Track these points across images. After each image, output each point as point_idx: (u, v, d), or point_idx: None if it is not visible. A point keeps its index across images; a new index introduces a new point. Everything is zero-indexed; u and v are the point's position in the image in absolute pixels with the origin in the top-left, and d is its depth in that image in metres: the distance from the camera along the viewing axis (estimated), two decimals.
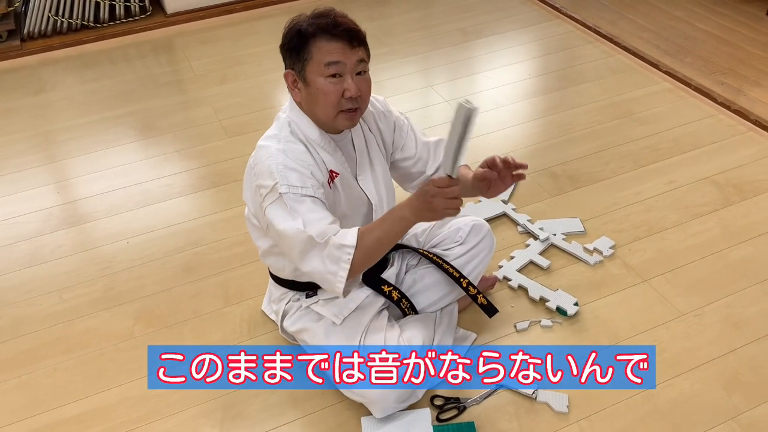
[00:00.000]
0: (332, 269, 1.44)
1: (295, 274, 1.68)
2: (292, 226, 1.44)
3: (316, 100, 1.48)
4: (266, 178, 1.47)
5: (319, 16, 1.46)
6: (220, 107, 2.98)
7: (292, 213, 1.44)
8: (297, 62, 1.47)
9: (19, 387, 1.81)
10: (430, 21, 3.64)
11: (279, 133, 1.53)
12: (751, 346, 1.82)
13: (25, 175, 2.62)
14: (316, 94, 1.47)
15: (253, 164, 1.55)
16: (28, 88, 3.22)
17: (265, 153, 1.51)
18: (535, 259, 2.09)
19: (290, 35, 1.48)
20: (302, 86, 1.50)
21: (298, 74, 1.49)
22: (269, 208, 1.47)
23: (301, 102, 1.53)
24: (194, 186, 2.52)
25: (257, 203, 1.53)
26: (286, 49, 1.49)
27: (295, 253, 1.48)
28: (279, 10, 3.84)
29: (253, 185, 1.54)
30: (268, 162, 1.48)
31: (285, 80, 1.53)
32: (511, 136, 2.72)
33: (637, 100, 2.89)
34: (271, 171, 1.46)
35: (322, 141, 1.54)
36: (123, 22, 3.67)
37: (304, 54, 1.45)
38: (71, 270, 2.17)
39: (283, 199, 1.45)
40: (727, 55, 3.16)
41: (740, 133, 2.66)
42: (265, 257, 1.73)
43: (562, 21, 3.55)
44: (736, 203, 2.31)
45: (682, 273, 2.05)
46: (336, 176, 1.56)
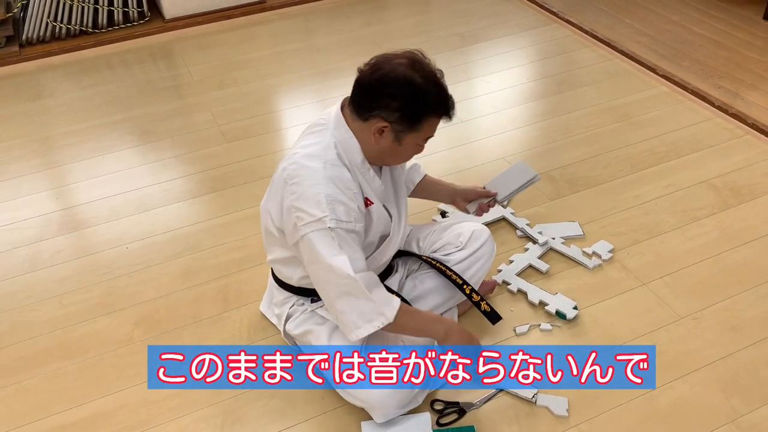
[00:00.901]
0: (359, 323, 1.50)
1: (302, 282, 1.68)
2: (341, 263, 1.45)
3: (396, 154, 1.55)
4: (312, 207, 1.46)
5: (442, 91, 1.48)
6: (218, 112, 2.99)
7: (338, 248, 1.46)
8: (402, 124, 1.47)
9: (18, 393, 1.81)
10: (428, 26, 3.65)
11: (325, 154, 1.51)
12: (749, 349, 1.83)
13: (23, 181, 2.62)
14: (400, 151, 1.54)
15: (290, 179, 1.51)
16: (26, 93, 3.22)
17: (311, 177, 1.48)
18: (534, 263, 2.10)
19: (417, 105, 1.46)
20: (391, 140, 1.50)
21: (397, 133, 1.49)
22: (312, 235, 1.46)
23: (375, 145, 1.51)
24: (193, 191, 2.52)
25: (290, 222, 1.51)
26: (402, 112, 1.45)
27: (331, 289, 1.49)
28: (277, 15, 3.85)
29: (288, 203, 1.50)
30: (315, 189, 1.46)
31: (371, 127, 1.49)
32: (509, 140, 2.72)
33: (634, 103, 2.90)
34: (319, 201, 1.46)
35: (363, 168, 1.55)
36: (121, 28, 3.67)
37: (416, 125, 1.48)
38: (70, 275, 2.17)
39: (330, 233, 1.45)
40: (723, 58, 3.18)
41: (737, 136, 2.67)
42: (275, 264, 1.73)
43: (560, 25, 3.57)
44: (734, 207, 2.31)
45: (681, 276, 2.05)
46: (370, 205, 1.57)
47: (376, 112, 1.47)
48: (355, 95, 1.51)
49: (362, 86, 1.49)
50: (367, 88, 1.48)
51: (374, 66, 1.48)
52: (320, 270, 1.49)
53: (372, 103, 1.47)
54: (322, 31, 3.65)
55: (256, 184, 2.53)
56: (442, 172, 2.53)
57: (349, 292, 1.48)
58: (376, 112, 1.47)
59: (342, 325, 1.54)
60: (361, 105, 1.49)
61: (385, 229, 1.65)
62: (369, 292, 1.48)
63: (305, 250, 1.51)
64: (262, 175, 2.57)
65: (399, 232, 1.70)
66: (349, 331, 1.52)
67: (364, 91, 1.48)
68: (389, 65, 1.46)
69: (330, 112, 1.58)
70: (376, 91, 1.46)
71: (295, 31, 3.68)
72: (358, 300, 1.49)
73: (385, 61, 1.47)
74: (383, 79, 1.45)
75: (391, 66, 1.45)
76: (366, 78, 1.48)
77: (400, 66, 1.45)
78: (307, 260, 1.52)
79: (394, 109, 1.46)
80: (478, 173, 2.53)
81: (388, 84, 1.45)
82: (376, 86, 1.46)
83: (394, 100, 1.45)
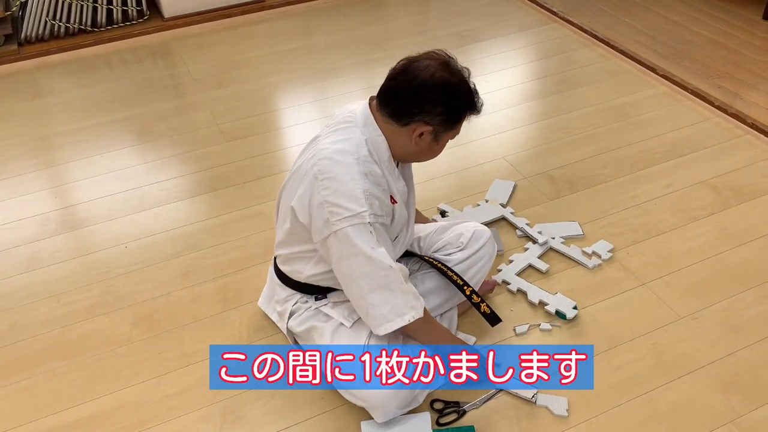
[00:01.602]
0: (390, 317, 1.53)
1: (311, 279, 1.68)
2: (380, 255, 1.49)
3: (432, 152, 1.59)
4: (350, 202, 1.47)
5: (473, 90, 1.54)
6: (217, 111, 2.98)
7: (377, 241, 1.49)
8: (444, 126, 1.51)
9: (17, 392, 1.80)
10: (427, 25, 3.65)
11: (357, 150, 1.51)
12: (749, 349, 1.83)
13: (22, 180, 2.62)
14: (435, 149, 1.59)
15: (321, 174, 1.51)
16: (25, 92, 3.21)
17: (345, 172, 1.49)
18: (533, 262, 2.09)
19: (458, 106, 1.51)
20: (430, 140, 1.53)
21: (436, 134, 1.53)
22: (349, 230, 1.47)
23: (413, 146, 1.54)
24: (192, 190, 2.52)
25: (320, 217, 1.51)
26: (444, 116, 1.50)
27: (366, 282, 1.50)
28: (276, 14, 3.84)
29: (321, 198, 1.50)
30: (352, 185, 1.47)
31: (411, 131, 1.51)
32: (508, 139, 2.72)
33: (634, 103, 2.90)
34: (357, 196, 1.47)
35: (390, 167, 1.57)
36: (120, 27, 3.66)
37: (455, 124, 1.54)
38: (69, 275, 2.16)
39: (369, 227, 1.48)
40: (723, 58, 3.18)
41: (737, 136, 2.67)
42: (285, 259, 1.72)
43: (559, 25, 3.56)
44: (733, 206, 2.31)
45: (681, 276, 2.05)
46: (395, 203, 1.59)
47: (419, 118, 1.49)
48: (390, 102, 1.52)
49: (400, 94, 1.50)
50: (408, 96, 1.49)
51: (408, 72, 1.49)
52: (357, 263, 1.49)
53: (414, 109, 1.49)
54: (321, 31, 3.65)
55: (255, 183, 2.53)
56: (441, 173, 2.52)
57: (387, 284, 1.50)
58: (418, 118, 1.49)
59: (371, 319, 1.54)
60: (400, 112, 1.50)
61: (401, 228, 1.67)
62: (405, 283, 1.52)
63: (339, 245, 1.50)
64: (261, 175, 2.57)
65: (407, 233, 1.72)
66: (379, 325, 1.53)
67: (403, 99, 1.49)
68: (426, 71, 1.47)
69: (355, 110, 1.58)
70: (418, 98, 1.48)
71: (294, 30, 3.68)
72: (393, 293, 1.51)
73: (419, 67, 1.48)
74: (424, 85, 1.47)
75: (429, 72, 1.47)
76: (404, 86, 1.49)
77: (437, 71, 1.48)
78: (340, 255, 1.51)
79: (438, 113, 1.49)
80: (476, 173, 2.53)
81: (430, 90, 1.47)
82: (418, 93, 1.48)
83: (438, 105, 1.48)
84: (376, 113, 1.55)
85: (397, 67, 1.52)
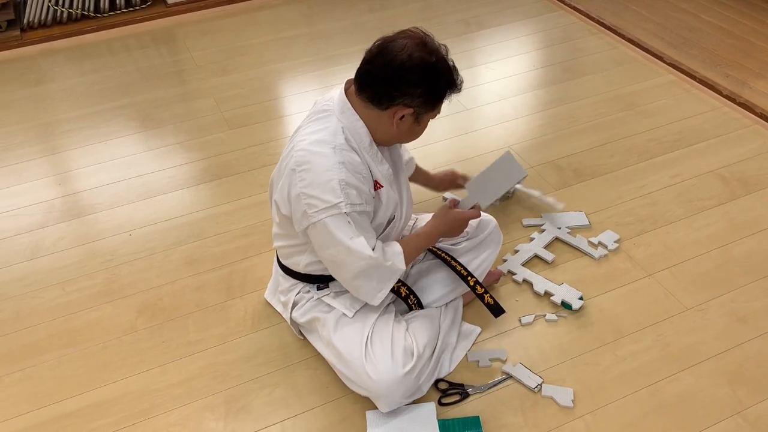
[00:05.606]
0: (379, 287, 1.57)
1: (308, 269, 1.68)
2: (359, 245, 1.48)
3: (414, 133, 1.56)
4: (326, 193, 1.45)
5: (452, 68, 1.50)
6: (221, 98, 2.96)
7: (355, 230, 1.48)
8: (425, 107, 1.48)
9: (22, 380, 1.80)
10: (432, 12, 3.61)
11: (333, 139, 1.49)
12: (756, 340, 1.82)
13: (25, 167, 2.61)
14: (417, 131, 1.56)
15: (298, 165, 1.49)
16: (27, 78, 3.20)
17: (322, 162, 1.47)
18: (539, 252, 2.08)
19: (439, 87, 1.48)
20: (410, 123, 1.51)
21: (417, 115, 1.50)
22: (328, 220, 1.47)
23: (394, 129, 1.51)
24: (196, 178, 2.50)
25: (299, 209, 1.51)
26: (425, 97, 1.47)
27: (348, 269, 1.52)
28: (279, 0, 3.81)
29: (298, 190, 1.49)
30: (327, 175, 1.45)
31: (391, 114, 1.48)
32: (514, 128, 2.70)
33: (641, 92, 2.87)
34: (333, 188, 1.45)
35: (372, 151, 1.54)
36: (123, 12, 3.64)
37: (436, 104, 1.51)
38: (73, 263, 2.16)
39: (346, 218, 1.47)
40: (731, 47, 3.14)
41: (745, 126, 2.64)
42: (281, 251, 1.73)
43: (566, 12, 3.53)
44: (741, 197, 2.29)
45: (687, 267, 2.04)
46: (380, 188, 1.57)
47: (399, 101, 1.46)
48: (368, 87, 1.47)
49: (379, 78, 1.45)
50: (386, 80, 1.44)
51: (385, 54, 1.43)
52: (338, 253, 1.50)
53: (394, 92, 1.45)
54: (324, 17, 3.61)
55: (260, 171, 2.51)
56: (445, 162, 2.51)
57: (367, 270, 1.52)
58: (398, 101, 1.46)
59: (363, 296, 1.58)
60: (380, 96, 1.46)
61: (393, 211, 1.65)
62: (386, 261, 1.54)
63: (318, 235, 1.50)
64: (265, 162, 2.55)
65: (403, 215, 1.70)
66: (372, 297, 1.57)
67: (382, 82, 1.45)
68: (404, 52, 1.42)
69: (332, 97, 1.56)
70: (397, 81, 1.44)
71: (297, 16, 3.65)
72: (376, 271, 1.54)
73: (396, 48, 1.43)
74: (402, 67, 1.42)
75: (407, 52, 1.42)
76: (382, 69, 1.44)
77: (415, 51, 1.42)
78: (321, 244, 1.52)
79: (418, 95, 1.45)
80: (482, 163, 2.51)
81: (409, 72, 1.42)
82: (396, 76, 1.43)
83: (418, 87, 1.44)
84: (354, 98, 1.52)
85: (372, 48, 1.47)
